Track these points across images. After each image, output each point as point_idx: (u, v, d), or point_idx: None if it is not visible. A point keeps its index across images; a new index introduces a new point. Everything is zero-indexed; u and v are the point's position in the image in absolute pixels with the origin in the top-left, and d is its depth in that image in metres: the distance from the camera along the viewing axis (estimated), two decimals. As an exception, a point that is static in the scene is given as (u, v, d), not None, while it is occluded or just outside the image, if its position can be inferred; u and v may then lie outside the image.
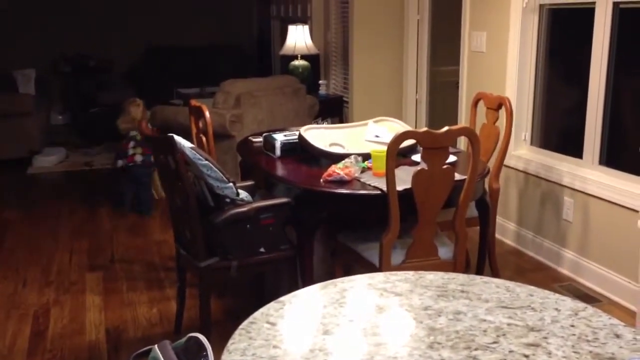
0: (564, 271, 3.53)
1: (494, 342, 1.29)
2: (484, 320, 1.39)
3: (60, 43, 8.35)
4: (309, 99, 5.67)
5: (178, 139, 2.54)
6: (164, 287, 3.49)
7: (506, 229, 4.01)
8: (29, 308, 3.27)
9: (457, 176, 2.58)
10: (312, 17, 6.50)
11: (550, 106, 3.83)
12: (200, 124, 3.30)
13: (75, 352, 2.84)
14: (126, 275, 3.67)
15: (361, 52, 5.40)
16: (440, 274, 1.52)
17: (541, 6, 3.72)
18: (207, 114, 3.19)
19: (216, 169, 2.58)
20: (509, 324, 1.37)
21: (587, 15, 3.37)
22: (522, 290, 1.53)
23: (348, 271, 2.95)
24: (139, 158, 4.71)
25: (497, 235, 3.82)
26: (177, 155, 2.49)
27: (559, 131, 3.84)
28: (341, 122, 5.88)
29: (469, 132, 2.51)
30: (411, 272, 1.53)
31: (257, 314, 1.43)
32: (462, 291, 1.51)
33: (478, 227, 3.05)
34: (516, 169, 3.84)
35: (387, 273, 1.51)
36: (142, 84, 8.47)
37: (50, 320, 3.14)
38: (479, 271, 2.96)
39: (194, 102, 3.33)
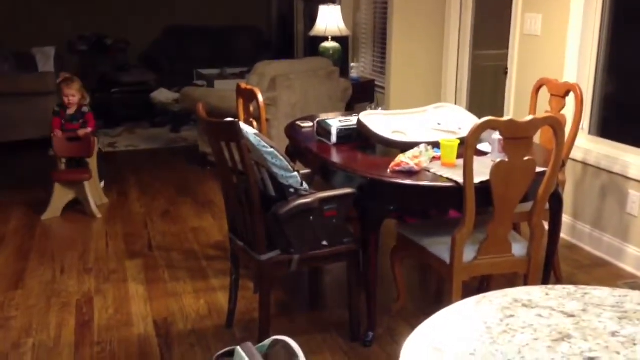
0: (627, 267, 3.38)
1: None
2: None
3: (77, 21, 8.14)
4: (342, 82, 5.49)
5: (242, 124, 2.39)
6: (208, 277, 3.35)
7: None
8: (71, 297, 3.14)
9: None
10: (342, -2, 6.29)
11: (612, 94, 3.66)
12: (251, 108, 3.14)
13: (125, 345, 2.71)
14: (166, 263, 3.53)
15: (400, 35, 5.19)
16: (606, 289, 1.34)
17: (605, -12, 3.53)
18: (260, 97, 3.02)
19: (281, 157, 2.42)
20: None
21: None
22: None
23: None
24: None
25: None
26: (242, 142, 2.34)
27: (622, 120, 3.66)
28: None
29: (554, 121, 2.35)
30: (571, 287, 1.34)
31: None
32: None
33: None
34: (573, 160, 3.67)
35: (544, 287, 1.34)
36: (160, 65, 8.28)
37: (95, 310, 3.00)
38: (548, 268, 2.81)
39: (244, 85, 3.16)
